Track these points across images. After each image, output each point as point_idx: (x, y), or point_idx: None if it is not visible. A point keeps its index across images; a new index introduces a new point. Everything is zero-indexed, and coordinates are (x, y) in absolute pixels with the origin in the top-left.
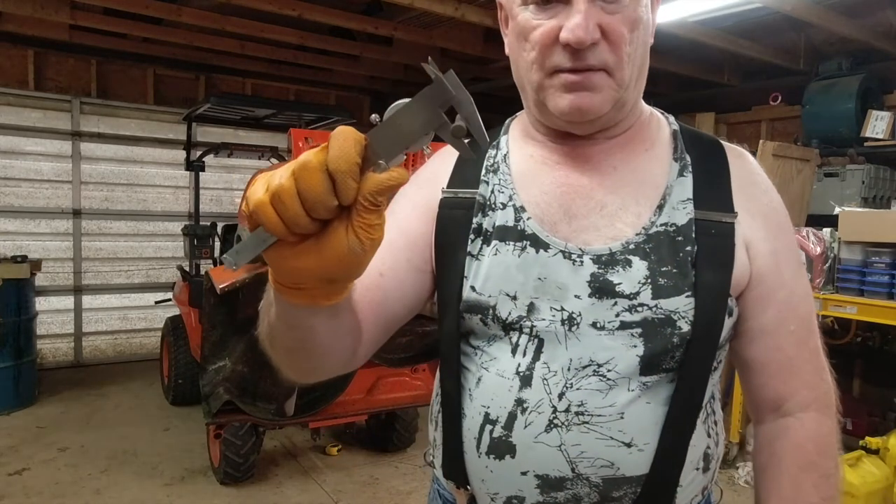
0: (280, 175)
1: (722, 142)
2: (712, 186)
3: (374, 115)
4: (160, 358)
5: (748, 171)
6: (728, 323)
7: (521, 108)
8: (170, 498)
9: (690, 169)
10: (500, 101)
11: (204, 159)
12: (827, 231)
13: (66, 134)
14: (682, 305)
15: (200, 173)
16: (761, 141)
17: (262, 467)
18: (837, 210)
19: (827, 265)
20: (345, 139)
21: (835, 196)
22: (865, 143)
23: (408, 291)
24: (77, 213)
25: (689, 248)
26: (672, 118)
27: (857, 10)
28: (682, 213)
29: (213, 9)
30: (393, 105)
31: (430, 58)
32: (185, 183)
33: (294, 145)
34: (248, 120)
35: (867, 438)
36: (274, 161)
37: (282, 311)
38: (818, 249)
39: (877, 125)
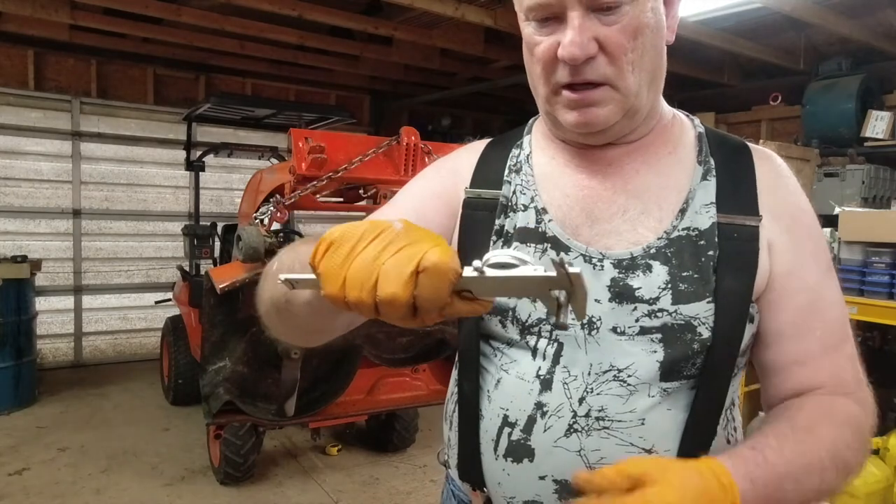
0: (358, 287)
1: (749, 144)
2: (736, 189)
3: (476, 262)
4: (160, 358)
5: (776, 173)
6: (749, 329)
7: (520, 108)
8: (170, 498)
9: (714, 172)
10: (500, 101)
11: (204, 159)
12: (827, 231)
13: (66, 134)
14: (702, 311)
15: (200, 173)
16: (761, 141)
17: (262, 467)
18: (837, 210)
19: None
20: (440, 281)
21: (835, 196)
22: (865, 143)
23: None
24: (77, 213)
25: (710, 253)
26: (697, 120)
27: (857, 10)
28: (704, 217)
29: (213, 9)
30: (501, 255)
31: (561, 255)
32: (185, 183)
33: (294, 145)
34: (248, 120)
35: None
36: (274, 161)
37: (317, 305)
38: None
39: (877, 125)
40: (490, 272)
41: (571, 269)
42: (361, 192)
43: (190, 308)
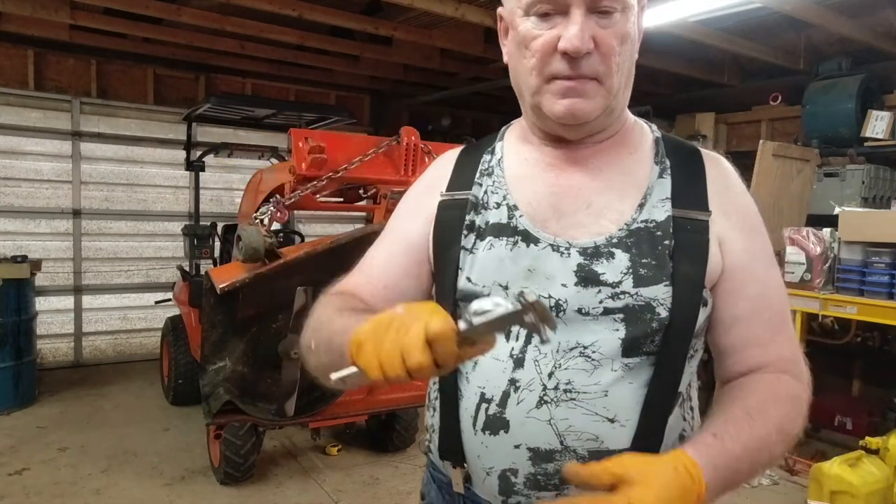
0: (392, 366)
1: (700, 149)
2: (689, 187)
3: (465, 318)
4: (160, 358)
5: (724, 175)
6: (703, 313)
7: (520, 108)
8: (170, 498)
9: (670, 171)
10: (499, 101)
11: (204, 159)
12: (827, 231)
13: (66, 134)
14: (660, 294)
15: (200, 173)
16: (761, 141)
17: (262, 467)
18: (837, 210)
19: (827, 265)
20: (446, 341)
21: (835, 196)
22: (865, 143)
23: (410, 294)
24: (77, 213)
25: (667, 242)
26: (654, 126)
27: (857, 10)
28: (661, 210)
29: (213, 9)
30: (482, 303)
31: (523, 291)
32: (185, 183)
33: (294, 145)
34: (248, 120)
35: (867, 438)
36: (274, 161)
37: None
38: (818, 249)
39: (877, 125)
40: (476, 319)
41: (529, 297)
42: (361, 192)
43: (190, 308)
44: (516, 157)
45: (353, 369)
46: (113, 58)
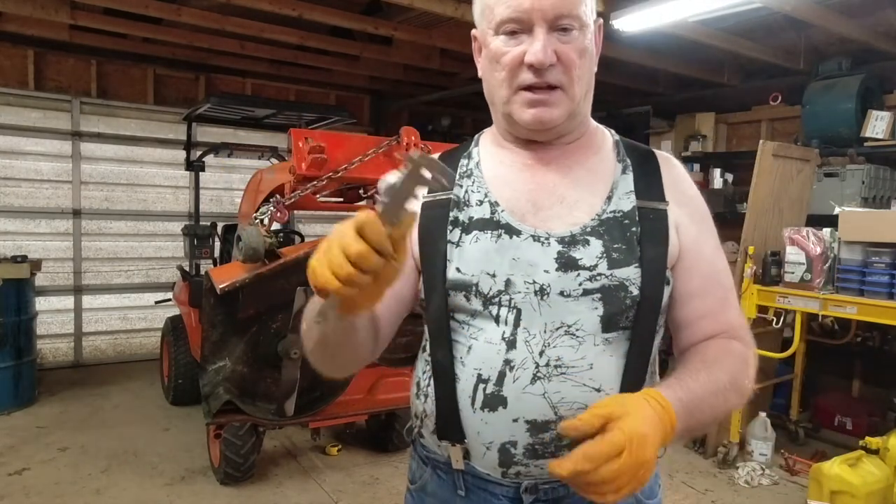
0: (340, 265)
1: (653, 149)
2: (648, 182)
3: (379, 198)
4: (160, 358)
5: (675, 172)
6: (666, 291)
7: None
8: (170, 498)
9: (631, 168)
10: None
11: (204, 159)
12: (827, 231)
13: (66, 134)
14: (631, 274)
15: (200, 173)
16: (761, 141)
17: (262, 467)
18: (837, 210)
19: (827, 265)
20: (371, 223)
21: (835, 196)
22: (865, 143)
23: (403, 292)
24: (77, 213)
25: (634, 229)
26: (613, 131)
27: (857, 10)
28: (626, 201)
29: (213, 9)
30: (385, 182)
31: (409, 154)
32: (185, 183)
33: (294, 145)
34: (248, 120)
35: (867, 438)
36: (274, 161)
37: (338, 325)
38: (818, 249)
39: (877, 125)
40: (386, 198)
41: (414, 155)
42: (361, 192)
43: (190, 308)
44: (493, 159)
45: (319, 301)
46: (113, 58)
